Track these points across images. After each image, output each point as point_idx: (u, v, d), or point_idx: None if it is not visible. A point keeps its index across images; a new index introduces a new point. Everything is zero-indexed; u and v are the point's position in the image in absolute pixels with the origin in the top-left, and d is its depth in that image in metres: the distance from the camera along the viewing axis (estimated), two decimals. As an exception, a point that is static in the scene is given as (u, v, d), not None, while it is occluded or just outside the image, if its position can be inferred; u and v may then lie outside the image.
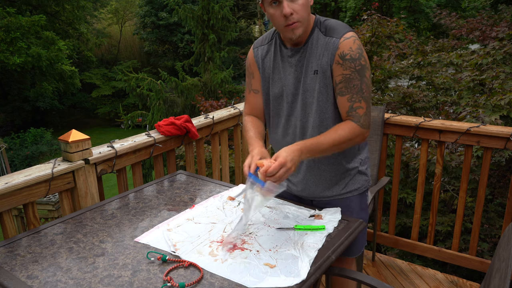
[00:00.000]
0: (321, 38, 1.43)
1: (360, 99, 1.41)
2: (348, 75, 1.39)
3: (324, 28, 1.44)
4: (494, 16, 5.59)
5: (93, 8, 21.36)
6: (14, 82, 16.85)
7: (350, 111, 1.42)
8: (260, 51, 1.58)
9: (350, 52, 1.38)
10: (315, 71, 1.43)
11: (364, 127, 1.43)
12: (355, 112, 1.41)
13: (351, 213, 1.59)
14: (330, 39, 1.41)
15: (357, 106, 1.41)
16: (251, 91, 1.64)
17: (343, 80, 1.40)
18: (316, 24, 1.45)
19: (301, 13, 1.36)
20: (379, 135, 2.46)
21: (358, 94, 1.40)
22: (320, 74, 1.43)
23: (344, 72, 1.39)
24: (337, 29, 1.42)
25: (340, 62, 1.39)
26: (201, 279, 1.15)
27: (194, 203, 1.61)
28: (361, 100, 1.41)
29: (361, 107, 1.41)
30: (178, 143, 2.26)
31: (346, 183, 1.59)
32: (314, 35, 1.44)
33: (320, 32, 1.44)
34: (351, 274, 1.39)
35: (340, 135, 1.39)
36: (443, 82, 3.99)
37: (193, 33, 10.27)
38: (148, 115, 8.75)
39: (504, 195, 3.36)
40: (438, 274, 2.53)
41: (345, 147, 1.43)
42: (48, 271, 1.19)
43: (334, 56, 1.40)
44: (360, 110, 1.41)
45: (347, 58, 1.38)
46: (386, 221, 3.40)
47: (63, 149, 1.75)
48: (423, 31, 16.91)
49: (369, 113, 1.44)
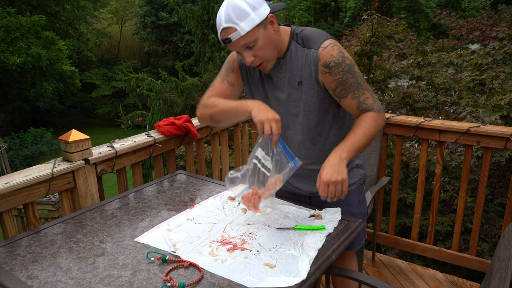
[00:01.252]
0: (300, 50, 1.42)
1: (363, 91, 1.43)
2: (340, 79, 1.40)
3: (301, 40, 1.43)
4: (494, 16, 5.59)
5: (93, 8, 21.37)
6: (14, 82, 16.85)
7: (360, 106, 1.44)
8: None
9: (332, 59, 1.38)
10: (299, 82, 1.44)
11: (380, 111, 1.45)
12: (365, 104, 1.43)
13: (350, 207, 1.61)
14: (309, 50, 1.40)
15: (363, 99, 1.43)
16: (226, 81, 1.57)
17: (338, 84, 1.41)
18: (292, 37, 1.44)
19: (263, 54, 1.36)
20: (379, 135, 2.46)
21: (359, 88, 1.42)
22: (306, 85, 1.43)
23: (336, 77, 1.40)
24: (314, 40, 1.41)
25: (326, 71, 1.39)
26: (201, 279, 1.15)
27: (194, 203, 1.61)
28: (365, 92, 1.43)
29: (368, 97, 1.44)
30: (178, 143, 2.26)
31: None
32: (292, 48, 1.43)
33: (297, 44, 1.43)
34: (351, 274, 1.39)
35: (368, 126, 1.40)
36: (443, 82, 3.99)
37: (193, 33, 10.27)
38: (148, 115, 8.75)
39: (504, 195, 3.36)
40: (438, 274, 2.53)
41: (375, 136, 1.44)
42: (48, 271, 1.19)
43: (318, 67, 1.40)
44: (368, 100, 1.44)
45: (331, 66, 1.38)
46: (386, 221, 3.40)
47: (63, 149, 1.75)
48: (423, 31, 16.92)
49: (376, 98, 1.46)
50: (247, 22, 1.29)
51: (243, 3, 1.29)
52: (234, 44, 1.34)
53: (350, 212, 1.58)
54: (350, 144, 1.36)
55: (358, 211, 1.65)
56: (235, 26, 1.30)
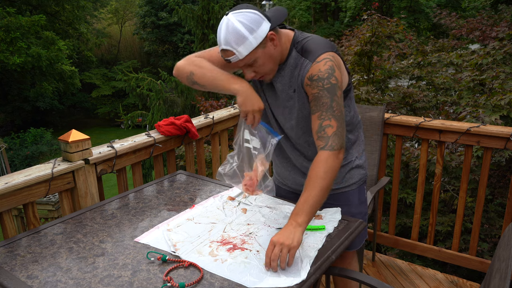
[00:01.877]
0: (298, 58, 1.43)
1: (330, 117, 1.34)
2: (316, 93, 1.36)
3: (301, 49, 1.42)
4: (494, 16, 5.59)
5: (93, 8, 21.37)
6: (14, 82, 16.85)
7: (319, 131, 1.35)
8: None
9: (318, 73, 1.36)
10: (294, 90, 1.45)
11: (335, 149, 1.32)
12: (324, 132, 1.34)
13: (350, 207, 1.61)
14: (304, 60, 1.40)
15: (326, 125, 1.34)
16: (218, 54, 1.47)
17: (313, 99, 1.38)
18: (294, 44, 1.43)
19: (263, 70, 1.38)
20: (379, 135, 2.46)
21: (328, 112, 1.35)
22: (298, 93, 1.44)
23: (313, 91, 1.37)
24: (312, 52, 1.39)
25: (308, 83, 1.39)
26: (201, 279, 1.15)
27: (194, 203, 1.61)
28: (331, 118, 1.34)
29: (331, 125, 1.34)
30: (178, 143, 2.26)
31: (343, 177, 1.61)
32: (292, 55, 1.43)
33: (297, 52, 1.43)
34: (351, 274, 1.39)
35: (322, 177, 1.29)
36: (443, 82, 3.99)
37: (193, 33, 10.27)
38: (148, 115, 8.75)
39: (504, 195, 3.36)
40: (438, 274, 2.53)
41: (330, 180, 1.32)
42: (48, 271, 1.19)
43: (304, 79, 1.40)
44: (329, 129, 1.34)
45: (314, 79, 1.37)
46: (386, 221, 3.40)
47: (63, 149, 1.75)
48: (423, 31, 16.92)
49: (340, 132, 1.35)
50: (244, 46, 1.30)
51: (240, 27, 1.28)
52: (233, 64, 1.36)
53: (349, 212, 1.58)
54: (305, 206, 1.26)
55: (358, 211, 1.65)
56: (233, 50, 1.31)
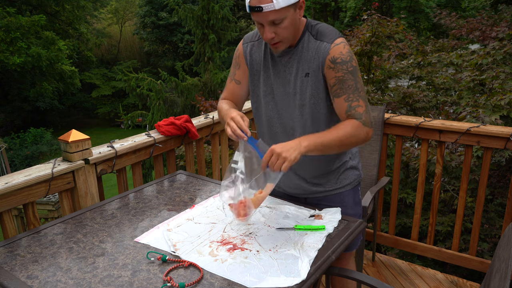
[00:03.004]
0: (312, 42, 1.43)
1: (358, 98, 1.40)
2: (341, 76, 1.39)
3: (315, 32, 1.44)
4: (494, 16, 5.59)
5: (93, 8, 21.36)
6: (14, 82, 16.84)
7: (349, 110, 1.40)
8: (249, 47, 1.58)
9: (340, 56, 1.38)
10: (307, 74, 1.44)
11: (367, 125, 1.39)
12: (355, 110, 1.40)
13: (345, 208, 1.60)
14: (321, 43, 1.41)
15: (355, 105, 1.39)
16: (233, 80, 1.64)
17: (337, 82, 1.40)
18: (307, 28, 1.45)
19: (284, 34, 1.37)
20: (379, 135, 2.46)
21: (355, 93, 1.39)
22: (312, 77, 1.43)
23: (337, 74, 1.39)
24: (328, 34, 1.42)
25: (331, 66, 1.39)
26: (201, 279, 1.15)
27: (194, 203, 1.61)
28: (359, 99, 1.40)
29: (360, 105, 1.40)
30: (178, 143, 2.26)
31: (337, 178, 1.61)
32: (305, 38, 1.44)
33: (311, 35, 1.44)
34: (351, 274, 1.39)
35: (344, 131, 1.36)
36: (443, 82, 3.99)
37: (193, 33, 10.28)
38: (148, 115, 8.76)
39: (504, 195, 3.36)
40: (438, 274, 2.53)
41: (350, 144, 1.39)
42: (48, 271, 1.19)
43: (325, 61, 1.40)
44: (359, 108, 1.39)
45: (338, 62, 1.38)
46: (386, 221, 3.40)
47: (63, 149, 1.75)
48: (423, 31, 16.91)
49: (369, 112, 1.42)
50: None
51: None
52: (263, 15, 1.32)
53: (345, 213, 1.57)
54: (316, 138, 1.32)
55: (354, 212, 1.64)
56: None
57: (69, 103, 20.14)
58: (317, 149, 1.32)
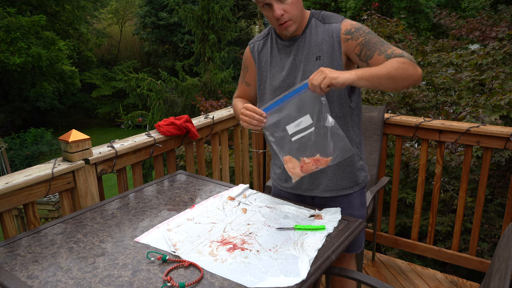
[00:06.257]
0: (320, 26, 1.47)
1: (389, 46, 1.39)
2: (363, 40, 1.41)
3: (322, 17, 1.49)
4: (494, 16, 5.59)
5: (93, 8, 21.37)
6: (14, 82, 16.85)
7: (389, 56, 1.36)
8: (256, 46, 1.62)
9: (352, 26, 1.43)
10: (318, 57, 1.45)
11: (412, 60, 1.34)
12: (393, 54, 1.36)
13: (353, 209, 1.61)
14: (329, 25, 1.46)
15: (391, 52, 1.37)
16: (244, 82, 1.72)
17: (362, 47, 1.41)
18: (313, 15, 1.50)
19: (292, 11, 1.40)
20: (379, 135, 2.46)
21: (384, 45, 1.39)
22: (325, 59, 1.44)
23: (358, 41, 1.41)
24: (335, 17, 1.48)
25: (348, 37, 1.42)
26: (201, 279, 1.15)
27: (194, 203, 1.61)
28: (391, 47, 1.39)
29: (395, 49, 1.38)
30: (178, 143, 2.26)
31: (350, 179, 1.60)
32: (312, 24, 1.48)
33: (318, 20, 1.48)
34: (351, 274, 1.39)
35: (391, 64, 1.31)
36: (443, 82, 3.99)
37: (193, 33, 10.28)
38: (148, 115, 8.76)
39: (504, 195, 3.36)
40: (438, 274, 2.53)
41: (400, 78, 1.31)
42: (48, 271, 1.19)
43: (340, 38, 1.43)
44: (396, 51, 1.37)
45: (353, 31, 1.42)
46: (386, 221, 3.40)
47: (63, 149, 1.76)
48: (423, 31, 16.89)
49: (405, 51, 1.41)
50: None
51: None
52: None
53: (352, 215, 1.58)
54: (366, 70, 1.30)
55: (359, 213, 1.65)
56: None
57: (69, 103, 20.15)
58: (366, 77, 1.28)
